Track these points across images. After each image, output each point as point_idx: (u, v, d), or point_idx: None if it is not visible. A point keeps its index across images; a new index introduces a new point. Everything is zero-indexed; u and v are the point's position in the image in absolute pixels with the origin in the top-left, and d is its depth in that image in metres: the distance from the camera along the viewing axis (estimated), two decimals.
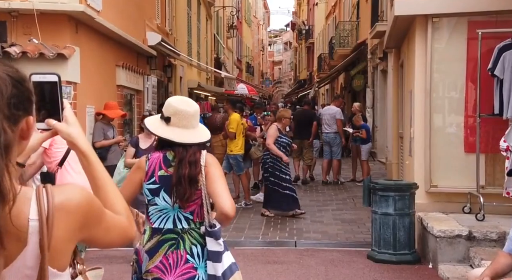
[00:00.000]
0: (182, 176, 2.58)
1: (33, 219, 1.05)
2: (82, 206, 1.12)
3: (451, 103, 6.58)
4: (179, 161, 2.61)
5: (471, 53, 6.39)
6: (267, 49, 69.94)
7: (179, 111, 2.65)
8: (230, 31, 26.18)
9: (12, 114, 1.04)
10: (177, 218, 2.63)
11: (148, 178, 2.64)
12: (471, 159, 6.39)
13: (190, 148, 2.63)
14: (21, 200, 1.05)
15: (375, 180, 6.38)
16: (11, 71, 1.06)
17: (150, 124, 2.72)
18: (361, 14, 19.53)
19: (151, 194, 2.64)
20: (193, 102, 2.80)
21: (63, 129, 1.25)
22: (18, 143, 1.08)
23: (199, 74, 18.07)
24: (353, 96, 20.22)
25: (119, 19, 8.70)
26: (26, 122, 1.09)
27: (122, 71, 8.70)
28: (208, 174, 2.61)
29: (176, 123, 2.65)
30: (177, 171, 2.60)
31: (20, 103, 1.06)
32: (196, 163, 2.61)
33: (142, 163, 2.69)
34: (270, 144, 8.34)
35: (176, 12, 13.63)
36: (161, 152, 2.68)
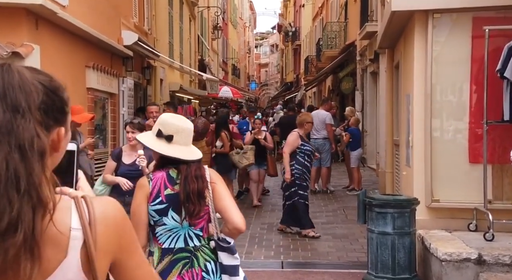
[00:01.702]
0: (191, 192, 2.59)
1: (76, 228, 1.04)
2: (120, 221, 1.12)
3: (454, 108, 5.95)
4: (185, 178, 2.62)
5: (476, 53, 5.76)
6: (254, 51, 69.39)
7: (182, 129, 2.69)
8: (214, 32, 25.46)
9: (44, 119, 1.02)
10: (188, 236, 2.65)
11: (153, 199, 2.62)
12: (477, 170, 5.77)
13: (192, 164, 2.65)
14: (60, 209, 1.03)
15: (371, 195, 5.71)
16: (43, 79, 1.05)
17: (150, 143, 2.70)
18: (349, 15, 18.98)
19: (158, 214, 2.62)
20: (185, 118, 2.85)
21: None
22: (50, 155, 1.04)
23: (182, 76, 17.34)
24: (342, 99, 19.65)
25: (90, 16, 7.97)
26: (58, 133, 1.06)
27: (93, 73, 7.96)
28: (215, 189, 2.65)
29: (178, 141, 2.67)
30: (184, 188, 2.61)
31: (51, 111, 1.04)
32: (202, 178, 2.64)
33: (145, 184, 2.65)
34: (285, 153, 7.40)
35: (156, 11, 12.89)
36: (163, 170, 2.67)
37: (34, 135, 0.99)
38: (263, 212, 9.23)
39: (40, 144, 1.00)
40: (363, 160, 13.60)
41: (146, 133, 2.86)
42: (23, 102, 0.99)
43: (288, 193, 7.52)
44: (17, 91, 0.99)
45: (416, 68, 6.00)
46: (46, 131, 1.03)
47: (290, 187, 7.49)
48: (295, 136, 7.52)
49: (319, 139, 11.10)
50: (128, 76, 10.10)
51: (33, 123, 0.99)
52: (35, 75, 1.04)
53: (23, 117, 0.99)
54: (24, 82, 1.01)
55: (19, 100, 0.99)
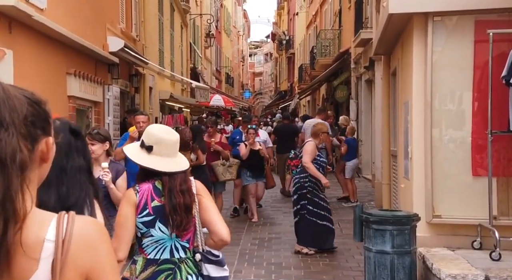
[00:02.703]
0: (177, 205, 2.58)
1: (50, 239, 1.05)
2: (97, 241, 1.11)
3: (455, 118, 5.58)
4: (169, 191, 2.61)
5: (479, 58, 5.41)
6: (248, 60, 69.18)
7: (161, 140, 2.66)
8: (207, 40, 25.12)
9: (29, 132, 1.04)
10: (175, 248, 2.64)
11: (141, 211, 2.60)
12: (481, 184, 5.40)
13: (176, 176, 2.64)
14: (40, 222, 1.06)
15: (369, 211, 5.31)
16: (27, 93, 1.08)
17: (131, 153, 2.70)
18: (343, 22, 18.69)
19: (145, 226, 2.61)
20: (173, 130, 2.85)
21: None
22: (39, 166, 1.08)
23: (173, 84, 16.96)
24: (336, 108, 19.31)
25: (71, 20, 7.58)
26: (46, 143, 1.08)
27: (74, 80, 7.56)
28: (201, 202, 2.65)
29: (158, 152, 2.65)
30: (170, 201, 2.59)
31: (38, 122, 1.06)
32: (189, 191, 2.63)
33: (131, 196, 2.63)
34: (307, 163, 6.79)
35: (145, 17, 12.52)
36: (149, 182, 2.66)
37: (16, 149, 1.01)
38: (254, 227, 8.81)
39: (22, 157, 1.01)
40: (358, 170, 13.24)
41: (134, 143, 2.83)
42: (7, 117, 1.01)
43: (297, 208, 7.04)
44: (1, 106, 1.01)
45: (415, 74, 5.64)
46: (34, 142, 1.05)
47: (299, 200, 6.99)
48: (313, 146, 7.01)
49: None
50: (114, 83, 9.70)
51: (16, 137, 1.01)
52: (17, 89, 1.07)
53: (6, 131, 1.00)
54: (8, 96, 1.03)
55: (3, 115, 1.01)
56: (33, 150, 1.05)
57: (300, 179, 6.97)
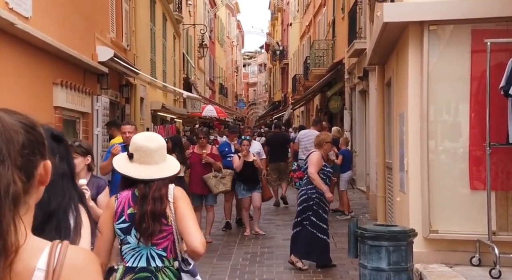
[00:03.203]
0: (145, 212, 2.58)
1: (40, 268, 1.06)
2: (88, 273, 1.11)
3: (452, 129, 5.43)
4: (141, 198, 2.62)
5: (476, 69, 5.27)
6: (242, 70, 69.17)
7: (139, 147, 2.69)
8: (200, 50, 25.00)
9: (26, 162, 1.05)
10: (150, 256, 2.62)
11: (118, 218, 2.64)
12: (479, 197, 5.24)
13: (153, 184, 2.62)
14: (32, 250, 1.06)
15: (364, 226, 5.12)
16: (21, 117, 1.08)
17: (116, 161, 2.75)
18: (337, 33, 18.62)
19: (122, 233, 2.63)
20: (157, 137, 2.81)
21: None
22: (36, 189, 1.09)
23: (165, 95, 16.77)
24: (330, 119, 19.18)
25: (58, 29, 7.39)
26: (44, 166, 1.10)
27: (61, 90, 7.35)
28: (177, 209, 2.62)
29: (138, 160, 2.67)
30: (140, 208, 2.60)
31: (36, 148, 1.08)
32: (161, 199, 2.60)
33: (111, 203, 2.70)
34: (313, 174, 6.58)
35: (136, 27, 12.35)
36: (130, 190, 2.68)
37: (10, 182, 1.02)
38: (246, 241, 8.59)
39: (15, 190, 1.03)
40: (353, 182, 13.06)
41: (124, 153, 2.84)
42: (4, 149, 1.02)
43: (300, 219, 6.78)
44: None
45: (410, 85, 5.49)
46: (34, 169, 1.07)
47: (303, 212, 6.75)
48: (319, 156, 6.77)
49: None
50: (104, 94, 9.49)
51: (11, 170, 1.02)
52: (12, 115, 1.07)
53: (2, 164, 1.02)
54: (5, 128, 1.03)
55: (0, 148, 1.02)
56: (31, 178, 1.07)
57: (307, 191, 6.73)
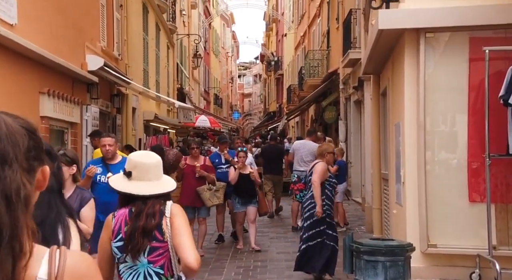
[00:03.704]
0: (136, 228, 2.57)
1: (42, 278, 1.06)
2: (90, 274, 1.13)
3: (450, 140, 5.26)
4: (135, 214, 2.62)
5: (474, 77, 5.12)
6: (237, 81, 69.17)
7: (138, 164, 2.71)
8: (194, 61, 24.87)
9: (30, 166, 1.05)
10: (148, 274, 2.61)
11: (115, 236, 2.63)
12: (478, 210, 5.06)
13: (149, 200, 2.63)
14: (33, 258, 1.05)
15: (359, 240, 4.92)
16: (22, 122, 1.08)
17: (113, 180, 2.77)
18: (331, 43, 18.53)
19: (120, 251, 2.61)
20: (153, 155, 2.83)
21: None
22: (34, 194, 1.08)
23: (158, 105, 16.59)
24: (325, 129, 19.03)
25: (46, 37, 7.21)
26: (42, 172, 1.09)
27: (48, 100, 7.16)
28: (173, 225, 2.61)
29: (137, 177, 2.69)
30: (133, 224, 2.60)
31: (37, 153, 1.08)
32: (154, 216, 2.60)
33: (109, 221, 2.68)
34: (316, 182, 6.38)
35: (128, 36, 12.19)
36: (127, 207, 2.68)
37: (20, 185, 1.02)
38: (239, 254, 8.36)
39: (26, 193, 1.03)
40: (348, 193, 12.88)
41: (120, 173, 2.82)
42: (11, 153, 1.02)
43: (313, 232, 6.49)
44: (5, 142, 1.02)
45: (406, 94, 5.33)
46: (34, 172, 1.06)
47: (316, 225, 6.46)
48: (324, 166, 6.59)
49: (305, 172, 10.36)
50: (94, 104, 9.30)
51: (19, 173, 1.02)
52: (14, 118, 1.07)
53: (10, 168, 1.01)
54: (10, 132, 1.03)
55: (7, 151, 1.02)
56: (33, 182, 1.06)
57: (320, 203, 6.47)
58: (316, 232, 6.43)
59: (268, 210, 9.04)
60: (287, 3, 35.17)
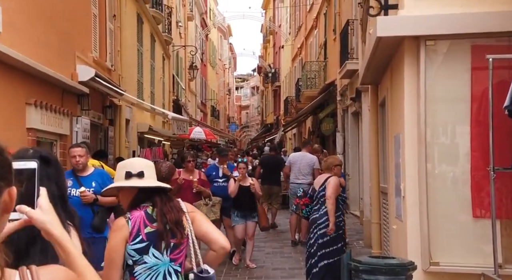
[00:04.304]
0: (169, 221, 2.63)
1: None
2: None
3: (452, 152, 5.02)
4: (160, 210, 2.65)
5: (477, 87, 4.89)
6: (234, 93, 69.11)
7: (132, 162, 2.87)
8: (190, 72, 24.69)
9: None
10: (168, 273, 2.64)
11: (133, 238, 2.61)
12: (483, 226, 4.81)
13: (163, 197, 2.71)
14: None
15: (358, 258, 4.67)
16: None
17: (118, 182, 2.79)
18: (328, 54, 18.39)
19: (138, 253, 2.61)
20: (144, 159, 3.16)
21: (37, 216, 1.22)
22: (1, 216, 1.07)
23: (153, 116, 16.36)
24: (322, 141, 18.81)
25: (32, 46, 6.99)
26: (9, 193, 1.06)
27: (35, 111, 6.92)
28: (195, 218, 2.74)
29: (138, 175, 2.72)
30: (161, 219, 2.63)
31: (3, 173, 1.05)
32: (177, 207, 2.71)
33: (123, 224, 2.64)
34: (332, 198, 6.24)
35: (122, 46, 11.99)
36: (140, 209, 2.68)
37: None
38: (233, 270, 8.09)
39: None
40: (346, 206, 12.62)
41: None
42: None
43: (332, 250, 6.30)
44: None
45: (406, 105, 5.10)
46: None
47: (334, 243, 6.31)
48: (338, 180, 6.48)
49: (304, 185, 10.12)
50: (84, 115, 9.06)
51: None
52: None
53: None
54: None
55: None
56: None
57: (335, 219, 6.30)
58: (335, 249, 6.26)
59: (268, 226, 8.64)
60: (284, 15, 35.15)
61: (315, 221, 6.47)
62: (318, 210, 6.50)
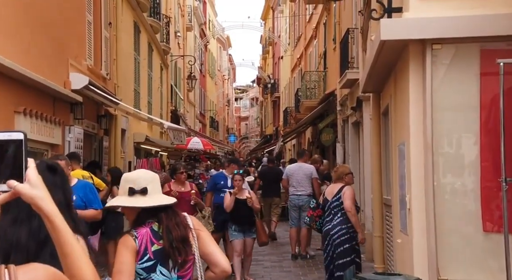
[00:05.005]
0: (174, 239, 2.59)
1: None
2: None
3: (461, 162, 4.76)
4: (166, 227, 2.62)
5: (486, 93, 4.64)
6: (234, 104, 69.01)
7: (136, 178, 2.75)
8: (188, 82, 24.48)
9: None
10: None
11: (141, 257, 2.59)
12: (494, 241, 4.53)
13: (171, 212, 2.68)
14: None
15: (361, 275, 4.39)
16: None
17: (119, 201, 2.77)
18: (328, 64, 18.21)
19: (146, 272, 2.59)
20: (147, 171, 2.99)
21: (26, 191, 1.21)
22: None
23: (150, 127, 16.10)
24: (322, 152, 18.54)
25: (22, 53, 6.73)
26: None
27: (24, 120, 6.65)
28: (200, 236, 2.69)
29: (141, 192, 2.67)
30: (168, 237, 2.60)
31: None
32: (183, 224, 2.67)
33: (131, 243, 2.60)
34: (353, 209, 6.25)
35: (118, 55, 11.75)
36: (146, 226, 2.64)
37: None
38: None
39: None
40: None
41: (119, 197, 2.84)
42: None
43: (346, 261, 6.25)
44: None
45: (412, 113, 4.84)
46: None
47: (348, 254, 6.24)
48: (352, 190, 6.49)
49: (304, 196, 9.86)
50: (77, 124, 8.80)
51: None
52: None
53: None
54: None
55: None
56: None
57: (348, 230, 6.27)
58: (349, 261, 6.21)
59: (267, 241, 8.24)
60: (283, 25, 35.07)
61: (328, 232, 6.42)
62: (330, 221, 6.42)
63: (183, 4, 25.91)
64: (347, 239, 6.28)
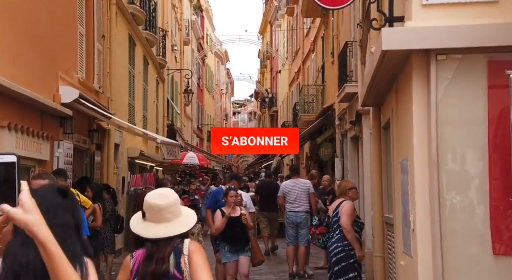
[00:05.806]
0: (148, 273, 2.62)
1: None
2: None
3: (468, 180, 4.47)
4: (146, 258, 2.65)
5: (494, 107, 4.37)
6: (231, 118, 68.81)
7: (149, 205, 2.75)
8: (185, 96, 24.24)
9: None
10: None
11: (134, 276, 2.67)
12: (504, 265, 4.26)
13: (160, 243, 2.66)
14: None
15: None
16: None
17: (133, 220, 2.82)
18: (326, 77, 18.00)
19: None
20: (169, 193, 2.84)
21: (19, 216, 1.20)
22: None
23: (145, 141, 15.80)
24: (320, 167, 18.26)
25: (7, 66, 6.44)
26: None
27: (9, 135, 6.35)
28: (191, 262, 2.64)
29: (149, 218, 2.74)
30: (143, 268, 2.64)
31: None
32: (163, 260, 2.63)
33: (127, 262, 2.74)
34: (349, 226, 6.00)
35: (111, 68, 11.49)
36: (144, 248, 2.71)
37: None
38: None
39: None
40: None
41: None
42: None
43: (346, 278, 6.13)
44: None
45: (415, 126, 4.57)
46: None
47: (347, 271, 6.06)
48: (352, 206, 6.21)
49: (302, 213, 9.56)
50: (67, 139, 8.50)
51: None
52: None
53: None
54: None
55: None
56: None
57: (344, 247, 6.06)
58: (350, 278, 6.06)
59: (263, 259, 7.82)
60: (281, 39, 34.98)
61: (328, 249, 6.41)
62: (331, 238, 6.29)
63: (181, 18, 25.78)
64: (344, 257, 6.08)
